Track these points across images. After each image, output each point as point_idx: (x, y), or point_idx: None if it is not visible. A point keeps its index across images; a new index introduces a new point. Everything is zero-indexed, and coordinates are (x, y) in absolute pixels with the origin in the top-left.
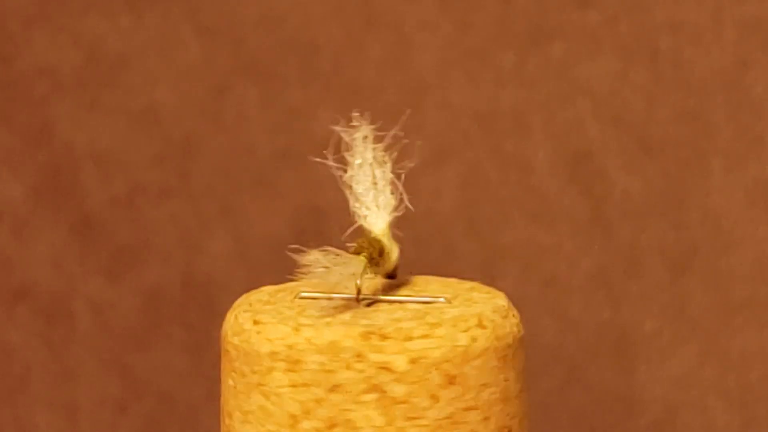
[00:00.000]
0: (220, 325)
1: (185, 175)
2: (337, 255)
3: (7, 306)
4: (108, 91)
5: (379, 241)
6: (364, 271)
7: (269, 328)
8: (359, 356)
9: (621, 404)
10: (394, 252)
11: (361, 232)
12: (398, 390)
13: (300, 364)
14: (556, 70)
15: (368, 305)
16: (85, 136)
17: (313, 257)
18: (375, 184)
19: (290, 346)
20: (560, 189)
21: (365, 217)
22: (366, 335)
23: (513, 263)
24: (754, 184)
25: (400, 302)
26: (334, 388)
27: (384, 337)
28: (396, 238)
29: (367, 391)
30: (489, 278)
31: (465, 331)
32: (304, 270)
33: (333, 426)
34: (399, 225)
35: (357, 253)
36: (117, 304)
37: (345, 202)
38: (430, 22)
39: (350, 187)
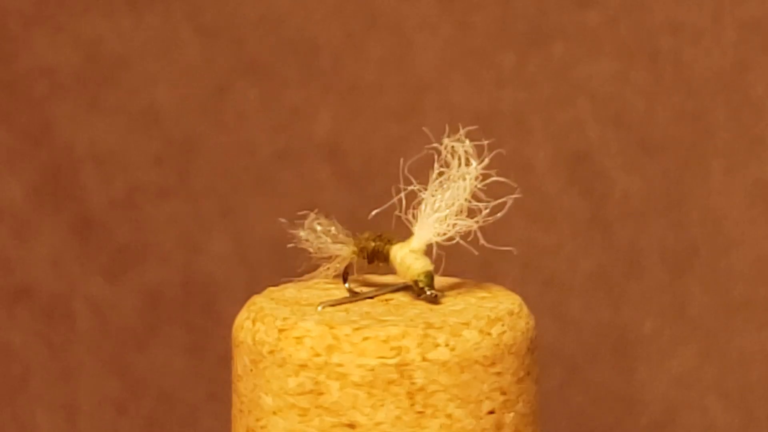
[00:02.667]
0: (220, 326)
1: (185, 175)
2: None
3: (7, 306)
4: (108, 91)
5: (380, 242)
6: (349, 260)
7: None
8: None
9: (621, 404)
10: (414, 266)
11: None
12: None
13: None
14: (556, 70)
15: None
16: (85, 136)
17: (309, 234)
18: (445, 204)
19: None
20: (560, 189)
21: (413, 225)
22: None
23: (513, 263)
24: (754, 185)
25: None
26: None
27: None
28: (430, 256)
29: None
30: (489, 278)
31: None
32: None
33: None
34: (400, 225)
35: (357, 243)
36: (117, 304)
37: (345, 202)
38: (430, 22)
39: (422, 198)
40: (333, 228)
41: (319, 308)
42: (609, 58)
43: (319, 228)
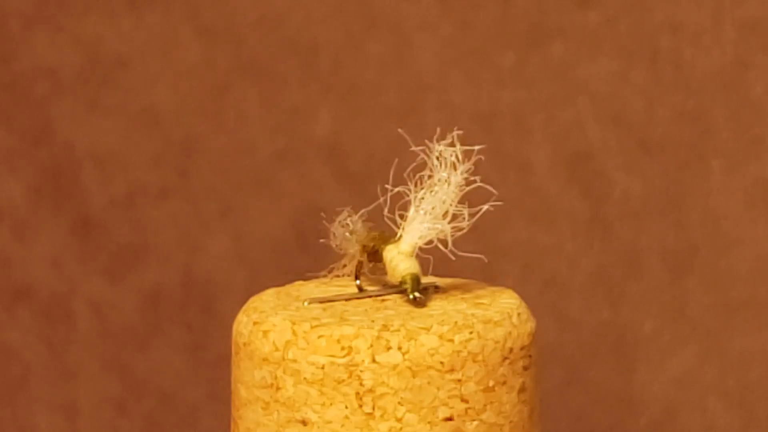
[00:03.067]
0: (220, 326)
1: (185, 175)
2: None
3: (7, 306)
4: (108, 92)
5: (379, 240)
6: (358, 255)
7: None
8: None
9: (621, 404)
10: (399, 267)
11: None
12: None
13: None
14: (556, 70)
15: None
16: (85, 136)
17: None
18: (434, 208)
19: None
20: (560, 189)
21: (403, 228)
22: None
23: (513, 263)
24: (754, 184)
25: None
26: None
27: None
28: (419, 260)
29: None
30: (489, 278)
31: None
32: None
33: None
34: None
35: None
36: (117, 304)
37: (345, 202)
38: (430, 22)
39: (416, 201)
40: (359, 226)
41: (305, 304)
42: (609, 58)
43: (345, 227)
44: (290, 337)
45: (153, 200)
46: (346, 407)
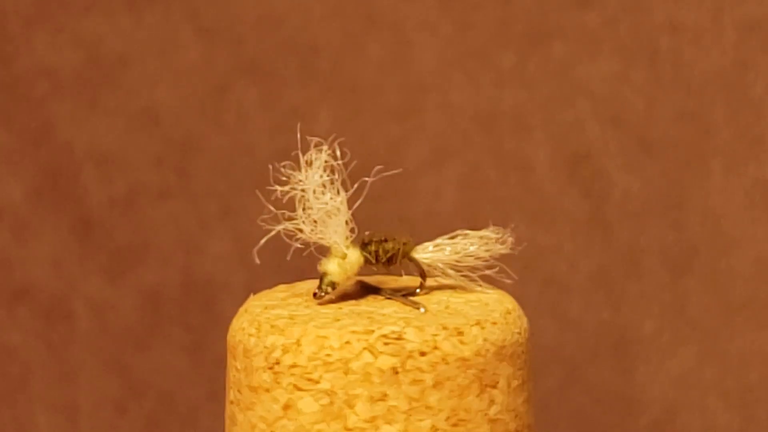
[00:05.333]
0: (220, 326)
1: (185, 175)
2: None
3: (7, 306)
4: (108, 91)
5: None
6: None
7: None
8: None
9: (621, 404)
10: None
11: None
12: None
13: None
14: (556, 70)
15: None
16: (85, 136)
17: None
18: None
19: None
20: (560, 189)
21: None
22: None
23: (513, 263)
24: (754, 185)
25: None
26: None
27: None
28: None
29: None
30: (489, 278)
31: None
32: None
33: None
34: (400, 225)
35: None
36: (117, 304)
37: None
38: (430, 22)
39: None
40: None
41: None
42: (609, 58)
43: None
44: (282, 339)
45: (153, 200)
46: (340, 408)
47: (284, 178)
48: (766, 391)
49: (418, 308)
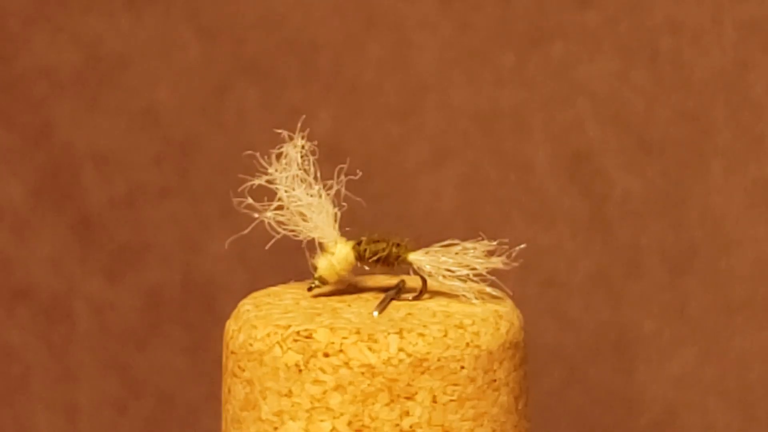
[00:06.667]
0: (220, 326)
1: (185, 175)
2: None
3: (7, 306)
4: (108, 91)
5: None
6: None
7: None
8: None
9: (621, 404)
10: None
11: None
12: None
13: None
14: (556, 70)
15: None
16: (85, 136)
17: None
18: (312, 196)
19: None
20: (560, 189)
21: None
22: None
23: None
24: (754, 184)
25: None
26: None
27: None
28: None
29: None
30: (489, 278)
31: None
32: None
33: None
34: (399, 225)
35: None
36: (117, 304)
37: (345, 202)
38: (430, 22)
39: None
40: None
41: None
42: (609, 58)
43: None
44: (233, 325)
45: (153, 200)
46: (256, 399)
47: (261, 171)
48: (766, 391)
49: (376, 311)
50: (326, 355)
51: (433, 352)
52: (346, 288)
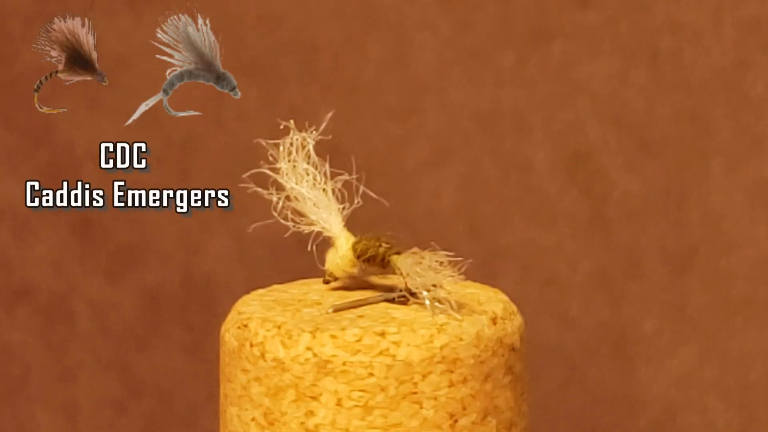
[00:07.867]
0: (220, 325)
1: (185, 175)
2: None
3: (7, 306)
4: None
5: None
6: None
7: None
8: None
9: (621, 404)
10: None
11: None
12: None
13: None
14: (556, 70)
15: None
16: (85, 136)
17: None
18: (316, 188)
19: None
20: (560, 189)
21: (322, 221)
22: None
23: (513, 263)
24: (754, 184)
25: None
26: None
27: None
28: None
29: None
30: (489, 278)
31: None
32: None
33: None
34: (399, 224)
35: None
36: (117, 304)
37: (344, 201)
38: (430, 22)
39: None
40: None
41: (329, 311)
42: (609, 58)
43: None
44: (229, 325)
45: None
46: (254, 399)
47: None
48: (766, 391)
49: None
50: (251, 345)
51: (340, 356)
52: (360, 285)
